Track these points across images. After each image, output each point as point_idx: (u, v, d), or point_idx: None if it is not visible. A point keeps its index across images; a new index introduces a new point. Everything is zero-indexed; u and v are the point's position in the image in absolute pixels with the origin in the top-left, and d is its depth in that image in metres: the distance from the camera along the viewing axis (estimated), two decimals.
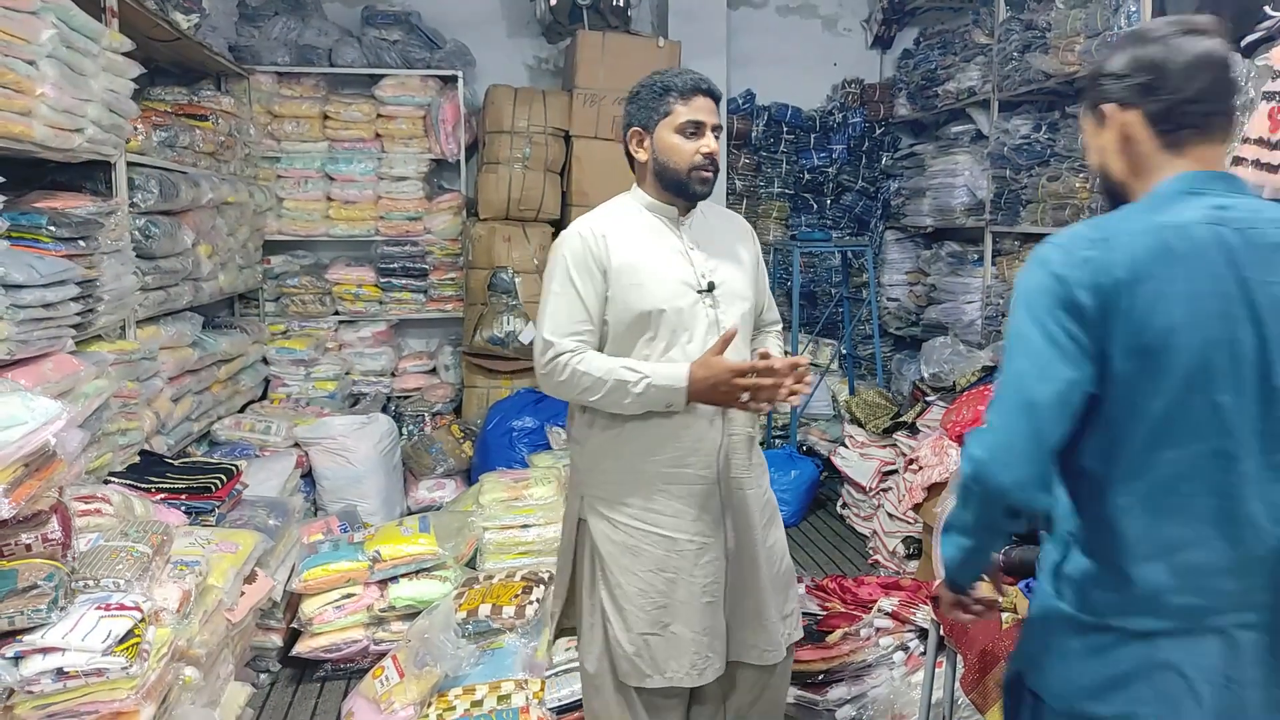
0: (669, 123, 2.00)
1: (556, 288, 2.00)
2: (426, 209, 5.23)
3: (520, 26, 5.55)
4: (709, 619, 2.03)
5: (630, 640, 2.01)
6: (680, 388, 1.91)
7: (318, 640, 3.13)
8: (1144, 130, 1.37)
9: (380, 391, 5.24)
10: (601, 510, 2.06)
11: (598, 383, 1.93)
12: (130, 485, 2.84)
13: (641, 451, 2.01)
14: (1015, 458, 1.29)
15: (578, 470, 2.13)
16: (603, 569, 2.05)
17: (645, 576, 2.01)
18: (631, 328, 1.99)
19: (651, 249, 2.02)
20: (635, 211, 2.09)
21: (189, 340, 3.80)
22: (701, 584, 2.02)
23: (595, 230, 2.02)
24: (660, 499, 2.01)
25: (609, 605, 2.04)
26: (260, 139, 4.99)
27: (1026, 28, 4.36)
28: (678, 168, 2.01)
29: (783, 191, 5.93)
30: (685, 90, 2.00)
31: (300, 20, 5.10)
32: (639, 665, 2.01)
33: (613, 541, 2.03)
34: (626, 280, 1.98)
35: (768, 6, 5.91)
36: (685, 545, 2.02)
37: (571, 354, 1.95)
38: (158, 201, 3.40)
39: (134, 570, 2.17)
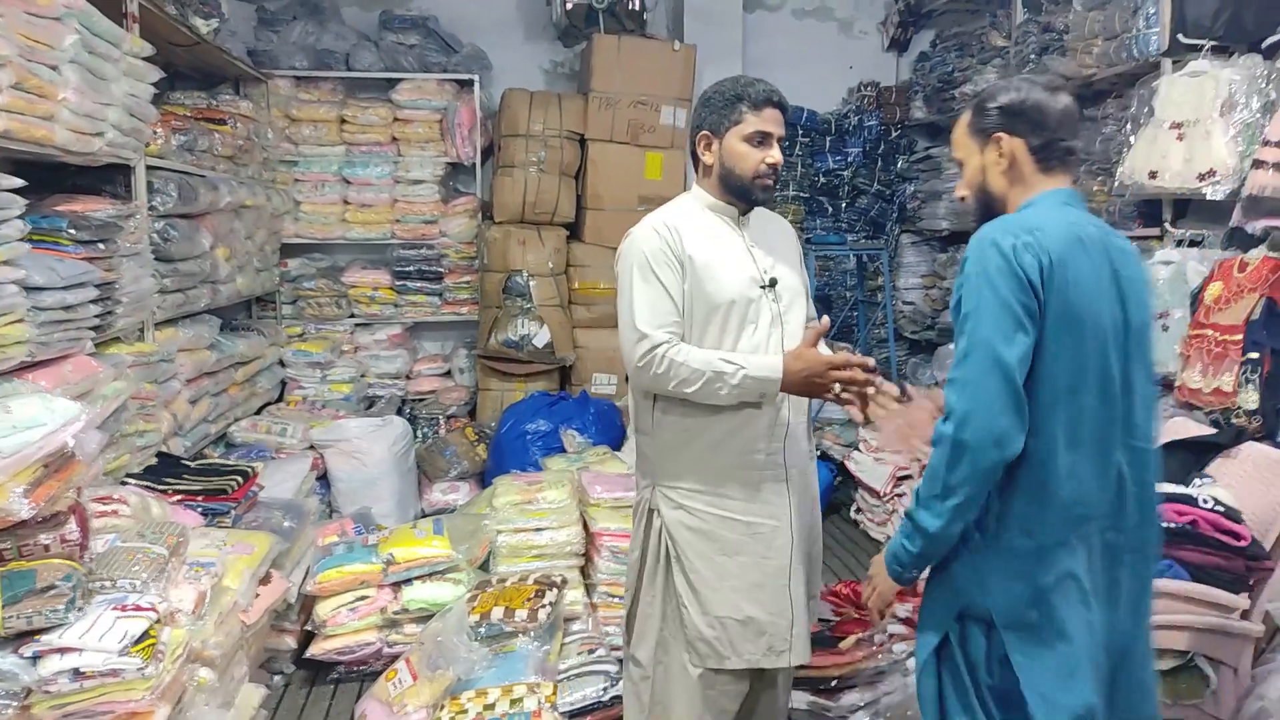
0: (739, 130, 2.07)
1: (640, 281, 2.05)
2: (442, 212, 5.25)
3: (536, 30, 5.57)
4: (783, 601, 2.09)
5: (709, 623, 2.07)
6: (776, 378, 1.98)
7: (331, 642, 3.13)
8: (1026, 156, 1.71)
9: (395, 394, 5.26)
10: (675, 499, 2.11)
11: (695, 374, 1.98)
12: (147, 487, 2.86)
13: (714, 440, 2.07)
14: (998, 409, 1.56)
15: (648, 460, 2.18)
16: (678, 555, 2.10)
17: (720, 561, 2.07)
18: (705, 320, 2.06)
19: (719, 245, 2.10)
20: (699, 210, 2.16)
21: (206, 342, 3.82)
22: (776, 565, 2.09)
23: (669, 225, 2.08)
24: (732, 485, 2.08)
25: (685, 590, 2.09)
26: (278, 142, 5.03)
27: (1044, 30, 4.34)
28: (743, 174, 2.08)
29: (798, 194, 5.91)
30: (758, 101, 2.06)
31: (318, 25, 5.13)
32: (717, 648, 2.07)
33: (688, 528, 2.09)
34: (702, 274, 2.05)
35: (783, 9, 5.90)
36: (759, 529, 2.09)
37: (668, 345, 2.01)
38: (176, 205, 3.43)
39: (150, 571, 2.19)
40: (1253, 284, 2.78)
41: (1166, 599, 2.12)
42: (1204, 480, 2.39)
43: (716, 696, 2.11)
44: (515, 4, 5.55)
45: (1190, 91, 3.15)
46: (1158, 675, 2.14)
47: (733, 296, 2.05)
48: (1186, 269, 3.19)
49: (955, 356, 1.64)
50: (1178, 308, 3.19)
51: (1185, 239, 3.34)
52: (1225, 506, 2.22)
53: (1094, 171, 3.97)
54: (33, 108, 2.44)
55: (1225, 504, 2.23)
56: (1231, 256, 2.95)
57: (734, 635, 2.07)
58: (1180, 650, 2.15)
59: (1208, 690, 2.17)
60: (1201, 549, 2.15)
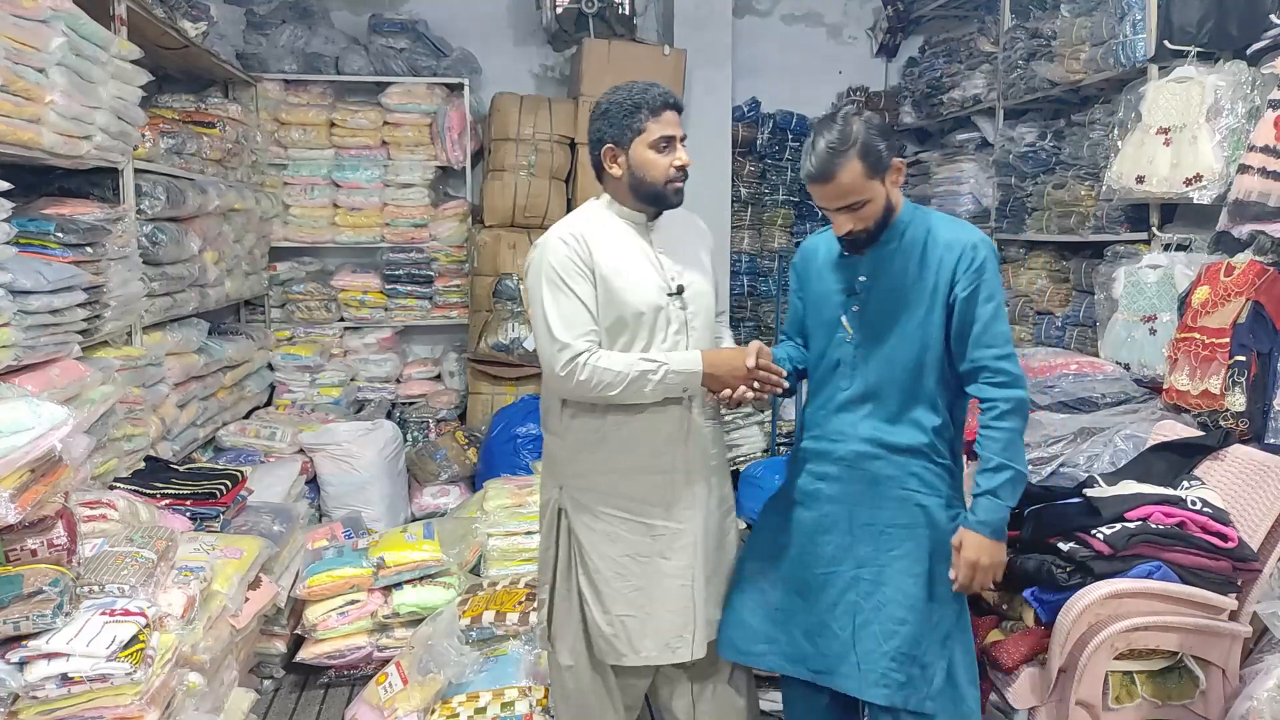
0: (644, 139, 2.09)
1: (552, 293, 2.08)
2: (432, 216, 5.24)
3: (526, 34, 5.57)
4: (682, 600, 2.17)
5: (608, 621, 2.16)
6: (696, 371, 2.07)
7: (321, 647, 3.12)
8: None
9: (385, 398, 5.24)
10: (580, 499, 2.19)
11: (620, 376, 2.04)
12: (135, 491, 2.84)
13: (621, 443, 2.14)
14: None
15: (556, 461, 2.25)
16: (581, 554, 2.19)
17: (623, 561, 2.16)
18: (612, 330, 2.11)
19: (626, 254, 2.14)
20: (608, 218, 2.19)
21: (195, 346, 3.81)
22: (676, 566, 2.17)
23: (577, 235, 2.11)
24: (637, 488, 2.15)
25: (587, 588, 2.19)
26: (267, 146, 5.01)
27: (1032, 36, 4.36)
28: (654, 181, 2.11)
29: (788, 199, 5.93)
30: (656, 106, 2.09)
31: (307, 28, 5.12)
32: (615, 645, 2.17)
33: (592, 530, 2.18)
34: (611, 284, 2.09)
35: (773, 15, 5.92)
36: (662, 531, 2.17)
37: (588, 353, 2.05)
38: (164, 208, 3.41)
39: (139, 576, 2.18)
40: (1239, 288, 2.80)
41: (1156, 600, 2.14)
42: (1192, 482, 2.40)
43: (626, 688, 2.26)
44: (505, 8, 5.55)
45: (1177, 97, 3.18)
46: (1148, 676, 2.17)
47: (641, 306, 2.10)
48: (1174, 273, 3.21)
49: (996, 333, 2.03)
50: (1165, 311, 3.21)
51: (1172, 243, 3.36)
52: (1213, 508, 2.23)
53: (1082, 176, 3.99)
54: (19, 110, 2.42)
55: (1213, 506, 2.24)
56: (1218, 261, 2.97)
57: (632, 633, 2.16)
58: (1170, 651, 2.16)
59: (1197, 691, 2.18)
60: (1190, 550, 2.16)
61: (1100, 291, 3.61)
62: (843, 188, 1.98)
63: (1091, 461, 2.99)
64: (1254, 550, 2.18)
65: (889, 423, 2.12)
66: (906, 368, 2.10)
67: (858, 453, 2.14)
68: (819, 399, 2.23)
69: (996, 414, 2.02)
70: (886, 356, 2.12)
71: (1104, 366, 3.42)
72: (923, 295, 2.08)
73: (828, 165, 1.97)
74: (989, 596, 2.38)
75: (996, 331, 2.03)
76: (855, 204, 2.01)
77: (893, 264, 2.11)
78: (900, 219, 2.11)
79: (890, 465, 2.12)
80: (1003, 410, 2.01)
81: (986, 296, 2.03)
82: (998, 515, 2.01)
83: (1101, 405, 3.32)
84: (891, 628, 2.06)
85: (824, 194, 2.02)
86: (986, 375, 2.04)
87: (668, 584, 2.16)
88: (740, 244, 5.86)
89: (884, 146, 1.99)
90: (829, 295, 2.19)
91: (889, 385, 2.12)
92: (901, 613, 2.06)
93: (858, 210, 2.02)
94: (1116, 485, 2.37)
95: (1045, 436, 3.18)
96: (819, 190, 2.02)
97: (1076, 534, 2.22)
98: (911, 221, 2.11)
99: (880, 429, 2.12)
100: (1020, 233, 4.49)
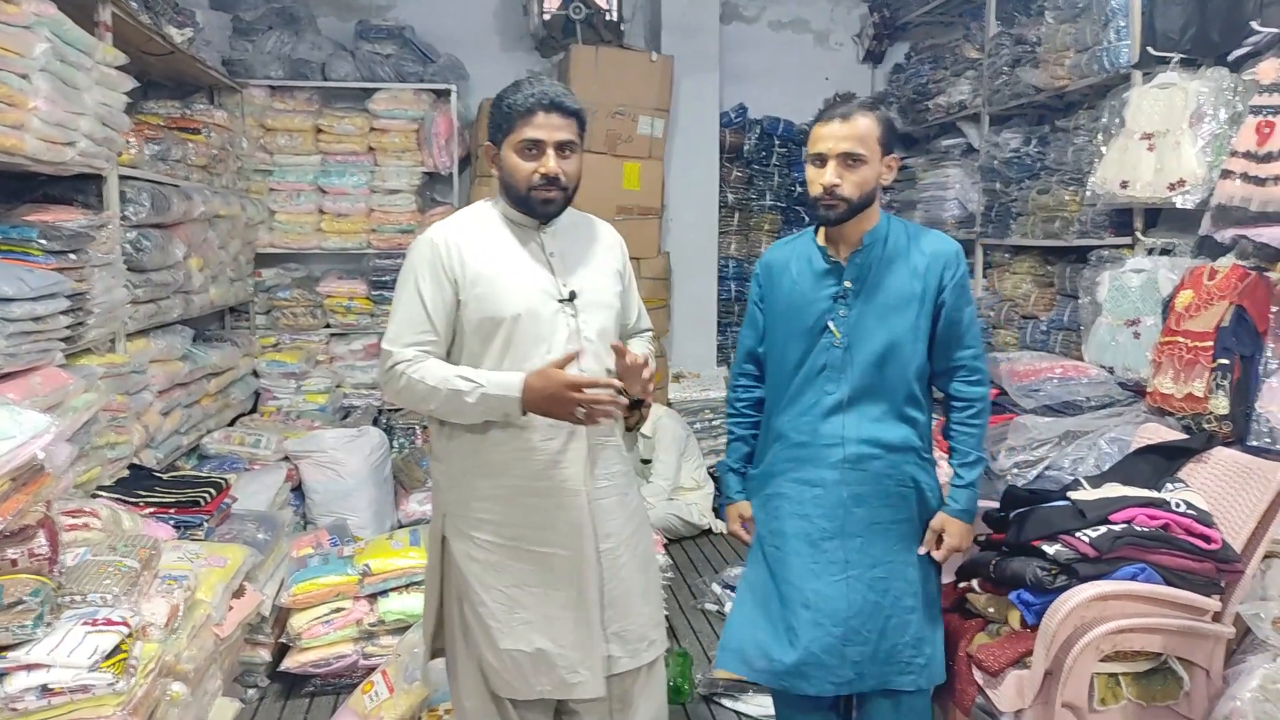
0: (510, 141, 1.97)
1: (403, 295, 2.00)
2: (419, 222, 5.23)
3: (513, 40, 5.57)
4: (578, 634, 2.02)
5: (497, 657, 2.02)
6: (514, 397, 1.89)
7: (306, 655, 3.11)
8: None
9: (371, 404, 5.22)
10: (462, 528, 2.04)
11: (432, 391, 1.92)
12: (118, 499, 2.82)
13: (501, 465, 1.99)
14: None
15: (439, 487, 2.11)
16: (466, 588, 2.04)
17: (510, 592, 2.01)
18: (483, 336, 1.97)
19: (508, 257, 2.00)
20: (494, 220, 2.06)
21: (179, 353, 3.79)
22: (568, 597, 2.01)
23: (449, 238, 2.00)
24: (523, 512, 2.00)
25: (475, 624, 2.04)
26: (253, 152, 5.00)
27: (1017, 42, 4.39)
28: (518, 186, 1.98)
29: (775, 204, 5.95)
30: (523, 109, 1.94)
31: (294, 34, 5.11)
32: (508, 679, 2.03)
33: (474, 560, 2.02)
34: (480, 289, 1.96)
35: (760, 21, 5.94)
36: (552, 559, 2.01)
37: (409, 363, 1.94)
38: (149, 214, 3.39)
39: (121, 585, 2.16)
40: (1222, 292, 2.82)
41: (1141, 602, 2.15)
42: (1176, 485, 2.41)
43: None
44: (492, 14, 5.55)
45: (1160, 103, 3.20)
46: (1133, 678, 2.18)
47: (518, 310, 1.96)
48: (1158, 277, 3.23)
49: (973, 336, 2.21)
50: (1149, 315, 3.23)
51: (1156, 248, 3.38)
52: (1197, 510, 2.24)
53: (1066, 181, 4.01)
54: (2, 117, 2.41)
55: (1197, 508, 2.25)
56: (1201, 265, 2.99)
57: (524, 668, 2.01)
58: (1154, 652, 2.17)
59: (1181, 692, 2.19)
60: (1174, 552, 2.17)
61: (1085, 295, 3.63)
62: (857, 131, 2.07)
63: (1076, 464, 3.00)
64: (1237, 552, 2.20)
65: (883, 422, 2.18)
66: (897, 368, 2.18)
67: (858, 454, 2.18)
68: (800, 404, 2.23)
69: (973, 411, 2.22)
70: (878, 359, 2.16)
71: (1088, 370, 3.44)
72: (912, 299, 2.16)
73: (852, 109, 2.10)
74: (976, 600, 2.39)
75: (975, 333, 2.23)
76: (856, 156, 2.07)
77: (879, 270, 2.17)
78: (880, 227, 2.20)
79: (888, 464, 2.19)
80: (979, 409, 2.22)
81: (967, 301, 2.20)
82: (974, 503, 2.24)
83: (1086, 408, 3.34)
84: (905, 617, 2.19)
85: (835, 133, 2.08)
86: (964, 374, 2.23)
87: (563, 617, 2.01)
88: (727, 249, 5.88)
89: (894, 133, 2.15)
90: (810, 303, 2.21)
91: (881, 386, 2.17)
92: (910, 600, 2.20)
93: (853, 167, 2.08)
94: (1101, 488, 2.39)
95: (1031, 440, 3.19)
96: (832, 129, 2.09)
97: (1062, 537, 2.23)
98: (891, 230, 2.21)
99: (876, 429, 2.18)
100: (1005, 237, 4.51)
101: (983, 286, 4.80)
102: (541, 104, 1.95)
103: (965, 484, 2.21)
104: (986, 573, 2.36)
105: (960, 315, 2.19)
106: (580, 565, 2.02)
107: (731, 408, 2.42)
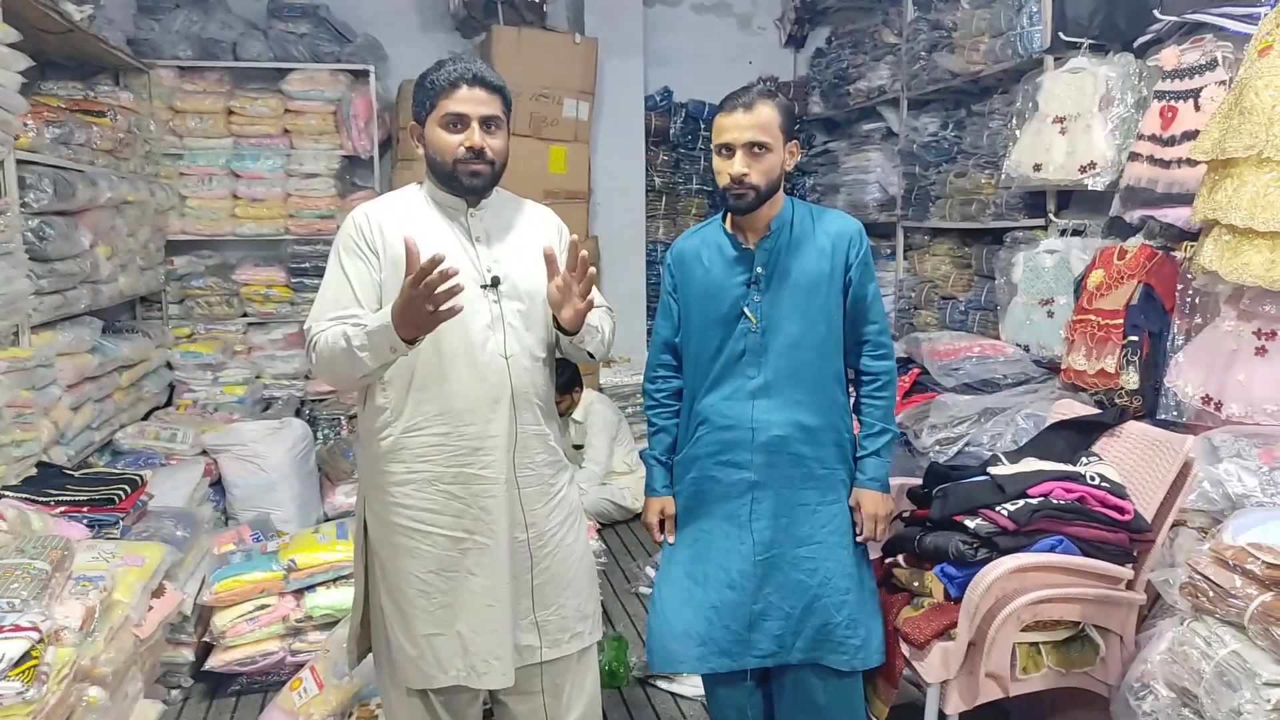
0: (434, 117, 1.97)
1: (329, 270, 1.99)
2: (339, 206, 5.10)
3: (433, 21, 5.46)
4: (490, 622, 2.00)
5: (413, 643, 2.01)
6: (386, 323, 1.79)
7: (231, 653, 3.03)
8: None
9: (293, 395, 5.10)
10: (380, 513, 2.02)
11: (331, 349, 1.86)
12: (27, 499, 2.70)
13: (420, 450, 1.97)
14: None
15: (360, 470, 2.11)
16: (383, 573, 2.03)
17: (426, 578, 2.00)
18: None
19: (430, 239, 1.93)
20: (420, 202, 2.05)
21: (88, 346, 3.64)
22: (482, 584, 2.00)
23: (371, 216, 1.99)
24: (441, 498, 1.98)
25: (390, 609, 2.03)
26: (161, 135, 4.82)
27: (933, 28, 4.47)
28: (444, 162, 1.96)
29: (701, 188, 5.97)
30: (445, 84, 1.94)
31: (202, 13, 4.93)
32: (422, 668, 2.01)
33: (391, 544, 2.01)
34: (400, 270, 1.85)
35: (683, 5, 5.94)
36: (467, 544, 2.00)
37: (321, 333, 1.90)
38: (52, 201, 3.24)
39: (31, 589, 2.07)
40: (1131, 271, 2.93)
41: (1059, 573, 2.22)
42: (1090, 458, 2.50)
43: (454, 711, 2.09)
44: None
45: (1071, 87, 3.29)
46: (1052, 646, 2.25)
47: None
48: (1070, 257, 3.33)
49: (878, 311, 2.28)
50: (1062, 294, 3.34)
51: (1069, 229, 3.49)
52: (1111, 483, 2.33)
53: (981, 165, 4.11)
54: None
55: (1111, 480, 2.34)
56: (1112, 245, 3.09)
57: (439, 653, 2.00)
58: (1072, 621, 2.25)
59: (1098, 658, 2.27)
60: (1090, 524, 2.25)
61: (1000, 276, 3.73)
62: (759, 120, 2.11)
63: (995, 440, 3.09)
64: (1148, 522, 2.29)
65: (805, 405, 2.21)
66: (815, 350, 2.22)
67: (780, 437, 2.20)
68: (723, 390, 2.25)
69: (879, 385, 2.29)
70: (795, 341, 2.20)
71: (1005, 349, 3.54)
72: (821, 279, 2.21)
73: (753, 98, 2.13)
74: (901, 575, 2.44)
75: (879, 309, 2.29)
76: (760, 145, 2.11)
77: (788, 252, 2.21)
78: (785, 211, 2.24)
79: (811, 445, 2.22)
80: (884, 382, 2.29)
81: (870, 276, 2.26)
82: (884, 471, 2.28)
83: (1003, 386, 3.43)
84: (840, 598, 2.22)
85: (739, 123, 2.12)
86: (869, 349, 2.29)
87: (474, 603, 1.99)
88: (655, 233, 5.88)
89: (793, 120, 2.20)
90: (724, 290, 2.24)
91: (800, 369, 2.21)
92: (845, 583, 2.22)
93: (759, 156, 2.12)
94: (1019, 463, 2.46)
95: (951, 417, 3.27)
96: (736, 119, 2.12)
97: (982, 511, 2.29)
98: (796, 213, 2.25)
99: (797, 412, 2.21)
100: (925, 220, 4.61)
101: (904, 268, 4.90)
102: (465, 78, 1.95)
103: (870, 453, 2.27)
104: (911, 547, 2.42)
105: (865, 291, 2.24)
106: (496, 553, 2.00)
107: (651, 399, 2.39)
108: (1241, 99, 2.39)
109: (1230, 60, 2.71)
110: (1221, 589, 1.88)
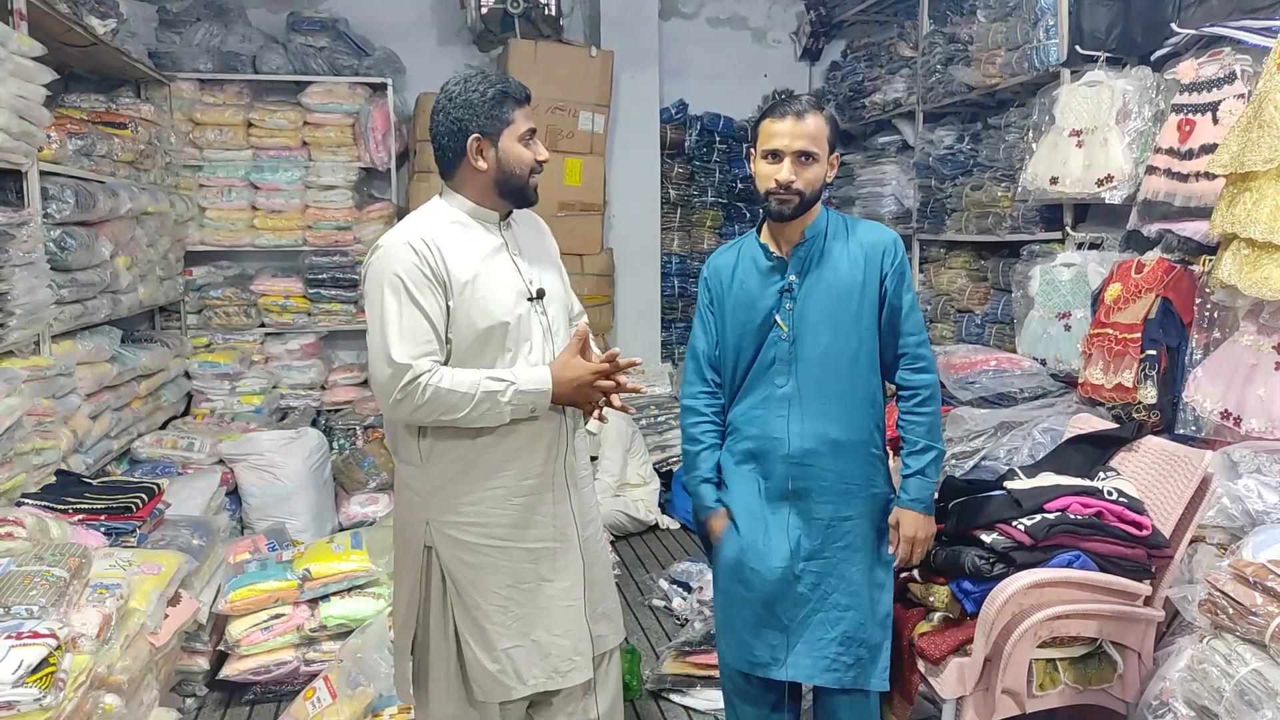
0: (513, 131, 1.99)
1: (394, 304, 1.88)
2: (356, 218, 5.14)
3: (450, 34, 5.51)
4: (570, 621, 2.07)
5: (493, 658, 2.02)
6: (546, 389, 1.95)
7: (246, 662, 3.04)
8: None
9: (310, 405, 5.13)
10: (452, 535, 2.01)
11: (464, 399, 1.88)
12: (45, 506, 2.72)
13: (493, 466, 2.00)
14: None
15: (417, 494, 2.04)
16: (458, 593, 2.03)
17: (505, 592, 2.02)
18: (478, 344, 1.95)
19: (484, 260, 1.97)
20: (460, 219, 2.01)
21: (107, 355, 3.67)
22: (560, 587, 2.07)
23: (428, 240, 1.92)
24: (512, 511, 2.01)
25: (467, 627, 2.03)
26: (181, 147, 4.86)
27: (949, 41, 4.47)
28: (521, 174, 2.01)
29: (716, 200, 5.98)
30: (521, 98, 2.01)
31: (223, 26, 4.98)
32: (502, 680, 2.02)
33: (466, 564, 2.02)
34: (469, 295, 1.92)
35: (698, 18, 5.96)
36: (542, 553, 2.05)
37: (429, 374, 1.88)
38: (74, 212, 3.28)
39: (49, 596, 2.08)
40: (1149, 284, 2.91)
41: (1076, 589, 2.20)
42: (1108, 473, 2.48)
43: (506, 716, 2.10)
44: (429, 7, 5.48)
45: (1088, 100, 3.29)
46: (1069, 662, 2.23)
47: (505, 315, 1.96)
48: (1087, 271, 3.32)
49: (915, 323, 2.21)
50: (1079, 308, 3.32)
51: (1085, 242, 3.47)
52: (1128, 498, 2.31)
53: (998, 178, 4.10)
54: None
55: (1128, 495, 2.32)
56: (1129, 258, 3.08)
57: (519, 664, 2.02)
58: (1089, 637, 2.23)
59: (1115, 674, 2.25)
60: (1107, 539, 2.24)
61: (1017, 289, 3.71)
62: (809, 130, 2.12)
63: (1011, 455, 3.07)
64: (1166, 538, 2.27)
65: (831, 417, 2.19)
66: (846, 361, 2.19)
67: (803, 449, 2.19)
68: (752, 398, 2.25)
69: (919, 400, 2.22)
70: (825, 351, 2.18)
71: (1021, 362, 3.52)
72: (854, 289, 2.18)
73: (804, 107, 2.14)
74: (916, 590, 2.43)
75: (916, 319, 2.24)
76: (808, 154, 2.12)
77: (822, 261, 2.20)
78: (820, 220, 2.23)
79: (834, 459, 2.19)
80: (925, 396, 2.21)
81: (907, 287, 2.22)
82: (928, 492, 2.20)
83: (1020, 400, 3.42)
84: (836, 614, 2.19)
85: (790, 131, 2.12)
86: (907, 361, 2.23)
87: (555, 608, 2.05)
88: (670, 245, 5.89)
89: (838, 132, 2.22)
90: (758, 300, 2.23)
91: (829, 379, 2.19)
92: (845, 599, 2.19)
93: (806, 165, 2.13)
94: (1036, 477, 2.44)
95: (967, 431, 3.25)
96: (788, 126, 2.12)
97: (999, 525, 2.28)
98: (831, 222, 2.24)
99: (824, 424, 2.19)
100: (940, 233, 4.60)
101: (919, 281, 4.89)
102: (529, 95, 2.04)
103: (913, 472, 2.19)
104: (927, 562, 2.40)
105: (900, 302, 2.20)
106: (569, 556, 2.07)
107: (698, 414, 2.32)
108: (1261, 112, 2.38)
109: (1249, 73, 2.70)
110: (1242, 606, 1.86)
